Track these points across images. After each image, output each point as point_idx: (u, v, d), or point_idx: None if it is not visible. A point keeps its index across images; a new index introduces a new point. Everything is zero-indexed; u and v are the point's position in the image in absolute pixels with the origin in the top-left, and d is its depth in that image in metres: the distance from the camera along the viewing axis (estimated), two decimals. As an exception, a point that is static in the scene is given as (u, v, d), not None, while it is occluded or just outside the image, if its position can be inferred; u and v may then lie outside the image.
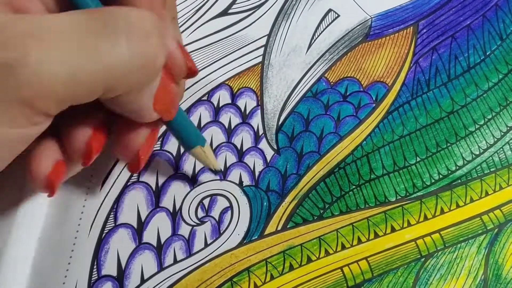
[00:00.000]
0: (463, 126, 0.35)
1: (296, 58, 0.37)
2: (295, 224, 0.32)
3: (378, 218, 0.32)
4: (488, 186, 0.34)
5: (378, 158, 0.34)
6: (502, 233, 0.32)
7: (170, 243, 0.31)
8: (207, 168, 0.33)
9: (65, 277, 0.30)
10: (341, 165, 0.34)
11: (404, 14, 0.40)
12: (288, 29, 0.39)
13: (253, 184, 0.33)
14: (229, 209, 0.32)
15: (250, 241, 0.32)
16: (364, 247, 0.32)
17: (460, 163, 0.34)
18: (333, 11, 0.39)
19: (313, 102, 0.36)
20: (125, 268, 0.31)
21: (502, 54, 0.38)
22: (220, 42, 0.38)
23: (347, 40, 0.38)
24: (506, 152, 0.35)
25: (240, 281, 0.30)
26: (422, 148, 0.35)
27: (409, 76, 0.37)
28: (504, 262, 0.31)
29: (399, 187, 0.33)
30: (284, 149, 0.34)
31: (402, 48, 0.38)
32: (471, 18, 0.39)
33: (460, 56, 0.38)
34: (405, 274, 0.31)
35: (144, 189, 0.33)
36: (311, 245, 0.31)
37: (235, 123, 0.35)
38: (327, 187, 0.33)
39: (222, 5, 0.39)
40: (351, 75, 0.37)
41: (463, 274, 0.31)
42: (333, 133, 0.35)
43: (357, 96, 0.36)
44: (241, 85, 0.36)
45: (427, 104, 0.36)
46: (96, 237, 0.31)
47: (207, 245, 0.31)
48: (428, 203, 0.33)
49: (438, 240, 0.32)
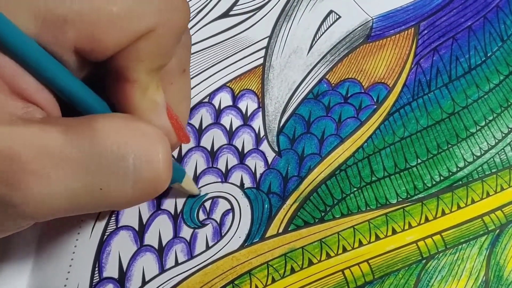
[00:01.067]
0: (464, 128, 0.35)
1: (297, 60, 0.37)
2: (296, 226, 0.32)
3: (379, 220, 0.32)
4: (490, 187, 0.34)
5: (379, 160, 0.34)
6: (503, 234, 0.32)
7: (172, 246, 0.31)
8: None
9: (66, 280, 0.30)
10: (342, 167, 0.34)
11: (405, 15, 0.40)
12: (289, 30, 0.39)
13: (254, 187, 0.33)
14: (230, 211, 0.32)
15: (252, 244, 0.32)
16: (365, 249, 0.32)
17: (461, 164, 0.34)
18: (334, 13, 0.39)
19: (314, 104, 0.36)
20: (127, 270, 0.31)
21: (503, 56, 0.38)
22: (221, 44, 0.38)
23: (348, 41, 0.38)
24: (507, 153, 0.35)
25: (241, 284, 0.30)
26: (423, 149, 0.35)
27: (410, 77, 0.37)
28: (505, 263, 0.31)
29: (400, 189, 0.33)
30: (285, 151, 0.34)
31: (403, 49, 0.38)
32: (472, 19, 0.39)
33: (461, 57, 0.38)
34: (406, 276, 0.31)
35: (145, 191, 0.33)
36: (312, 248, 0.31)
37: (236, 125, 0.35)
38: (328, 189, 0.33)
39: (224, 7, 0.39)
40: (352, 76, 0.37)
41: (465, 275, 0.31)
42: (334, 135, 0.35)
43: (358, 98, 0.36)
44: (242, 87, 0.36)
45: (428, 105, 0.36)
46: (97, 239, 0.31)
47: (208, 247, 0.31)
48: (429, 205, 0.33)
49: (439, 242, 0.32)
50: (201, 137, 0.34)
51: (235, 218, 0.32)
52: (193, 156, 0.34)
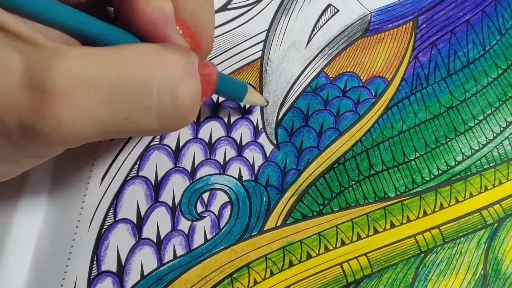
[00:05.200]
0: (462, 122, 0.35)
1: (296, 53, 0.37)
2: (295, 220, 0.32)
3: (378, 214, 0.32)
4: (488, 181, 0.34)
5: (378, 153, 0.34)
6: (501, 228, 0.32)
7: (170, 239, 0.31)
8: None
9: (64, 273, 0.30)
10: (340, 161, 0.34)
11: (403, 9, 0.40)
12: (288, 24, 0.38)
13: (253, 179, 0.33)
14: (228, 204, 0.32)
15: (250, 237, 0.32)
16: (363, 243, 0.32)
17: (460, 158, 0.34)
18: (332, 6, 0.39)
19: (313, 97, 0.36)
20: (125, 264, 0.31)
21: (501, 49, 0.38)
22: (219, 37, 0.37)
23: (346, 35, 0.38)
24: (505, 147, 0.35)
25: (240, 277, 0.30)
26: (422, 143, 0.35)
27: (408, 71, 0.37)
28: (503, 257, 0.31)
29: (398, 182, 0.33)
30: (284, 144, 0.34)
31: (402, 43, 0.38)
32: (470, 13, 0.39)
33: (459, 51, 0.38)
34: (405, 270, 0.31)
35: (143, 184, 0.33)
36: (310, 241, 0.31)
37: (234, 117, 0.35)
38: (327, 182, 0.33)
39: (222, 0, 0.39)
40: (351, 70, 0.37)
41: (463, 269, 0.31)
42: (332, 129, 0.35)
43: (356, 91, 0.36)
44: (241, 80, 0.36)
45: (427, 99, 0.36)
46: (95, 232, 0.31)
47: (206, 240, 0.31)
48: (427, 199, 0.33)
49: (438, 236, 0.32)
50: (199, 129, 0.34)
51: (233, 210, 0.32)
52: (190, 148, 0.34)
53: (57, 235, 0.31)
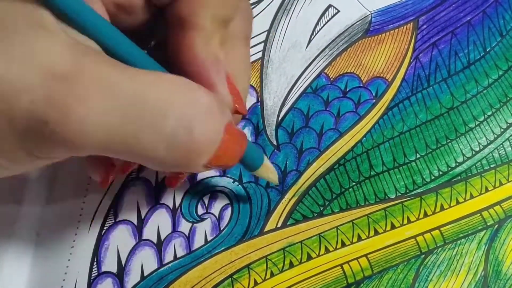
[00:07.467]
0: (463, 123, 0.35)
1: (296, 54, 0.37)
2: (295, 221, 0.32)
3: (378, 215, 0.32)
4: (488, 182, 0.34)
5: (378, 154, 0.34)
6: (502, 229, 0.32)
7: (170, 240, 0.31)
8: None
9: (65, 274, 0.30)
10: (341, 162, 0.34)
11: (404, 10, 0.40)
12: (288, 24, 0.38)
13: (253, 181, 0.33)
14: (229, 206, 0.32)
15: (250, 238, 0.32)
16: (364, 244, 0.32)
17: (460, 159, 0.34)
18: (333, 7, 0.39)
19: (313, 98, 0.36)
20: (125, 265, 0.31)
21: (502, 51, 0.38)
22: (220, 37, 0.37)
23: (347, 35, 0.38)
24: (506, 148, 0.35)
25: (240, 278, 0.30)
26: (422, 144, 0.35)
27: (409, 72, 0.37)
28: (504, 258, 0.31)
29: (399, 184, 0.33)
30: (284, 145, 0.34)
31: (402, 43, 0.38)
32: (471, 14, 0.39)
33: (460, 52, 0.38)
34: (405, 271, 0.31)
35: (144, 185, 0.33)
36: (311, 242, 0.31)
37: (235, 119, 0.35)
38: (327, 183, 0.33)
39: (222, 1, 0.39)
40: (351, 70, 0.37)
41: (463, 270, 0.31)
42: (333, 129, 0.35)
43: (357, 92, 0.36)
44: (241, 81, 0.36)
45: (427, 100, 0.36)
46: (96, 233, 0.31)
47: (207, 242, 0.31)
48: (428, 200, 0.33)
49: (438, 237, 0.32)
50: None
51: (234, 212, 0.32)
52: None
53: (57, 236, 0.31)
